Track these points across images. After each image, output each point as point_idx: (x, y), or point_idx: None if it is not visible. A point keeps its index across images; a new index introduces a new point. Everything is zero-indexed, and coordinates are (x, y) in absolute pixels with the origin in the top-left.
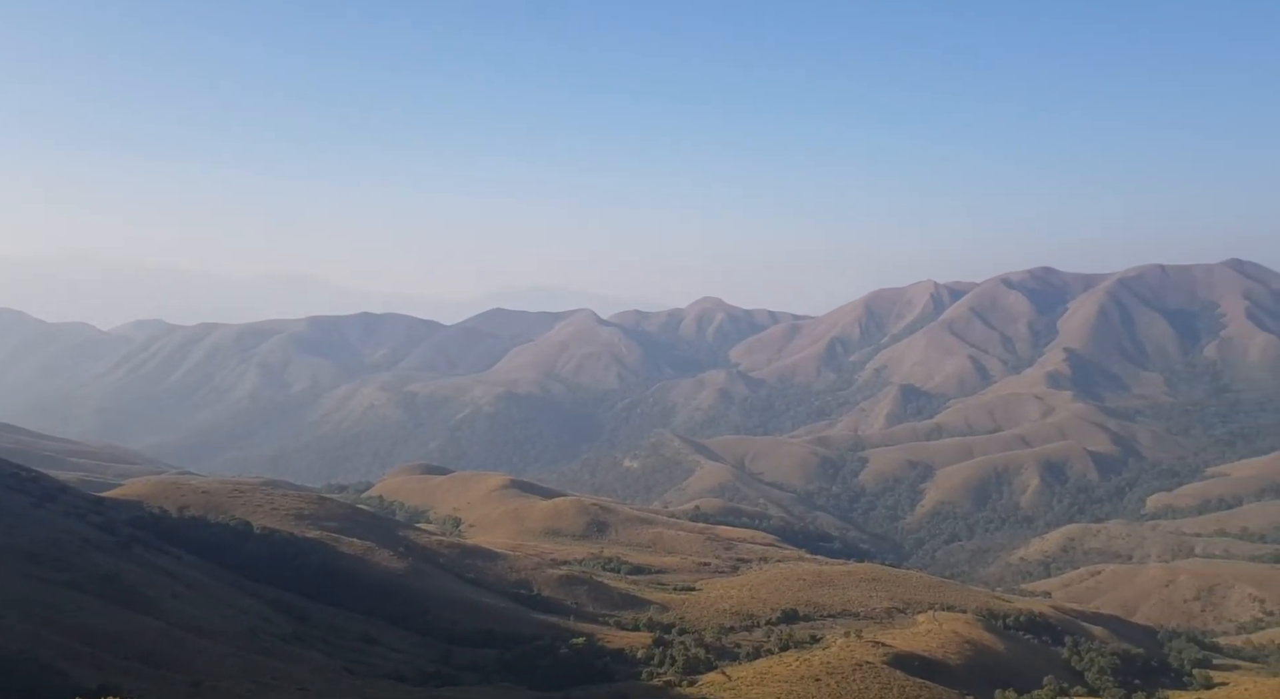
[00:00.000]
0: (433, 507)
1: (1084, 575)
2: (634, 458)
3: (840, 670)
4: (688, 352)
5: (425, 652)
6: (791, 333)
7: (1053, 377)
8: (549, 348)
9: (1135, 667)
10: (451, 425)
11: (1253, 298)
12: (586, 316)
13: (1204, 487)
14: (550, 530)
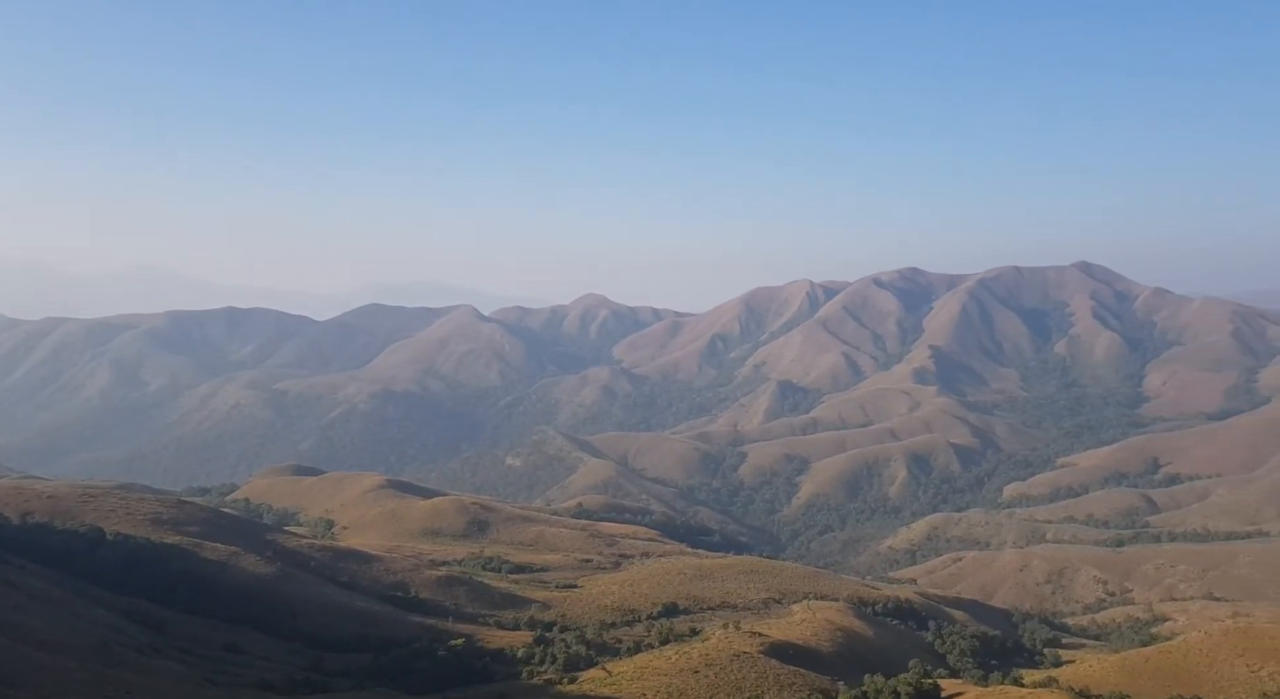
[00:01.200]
0: (304, 509)
1: (947, 562)
2: (516, 456)
3: (718, 662)
4: (571, 348)
5: (294, 659)
6: (674, 330)
7: (919, 373)
8: (428, 344)
9: (993, 648)
10: (324, 425)
11: (1098, 298)
12: (467, 313)
13: (1054, 476)
14: (429, 531)
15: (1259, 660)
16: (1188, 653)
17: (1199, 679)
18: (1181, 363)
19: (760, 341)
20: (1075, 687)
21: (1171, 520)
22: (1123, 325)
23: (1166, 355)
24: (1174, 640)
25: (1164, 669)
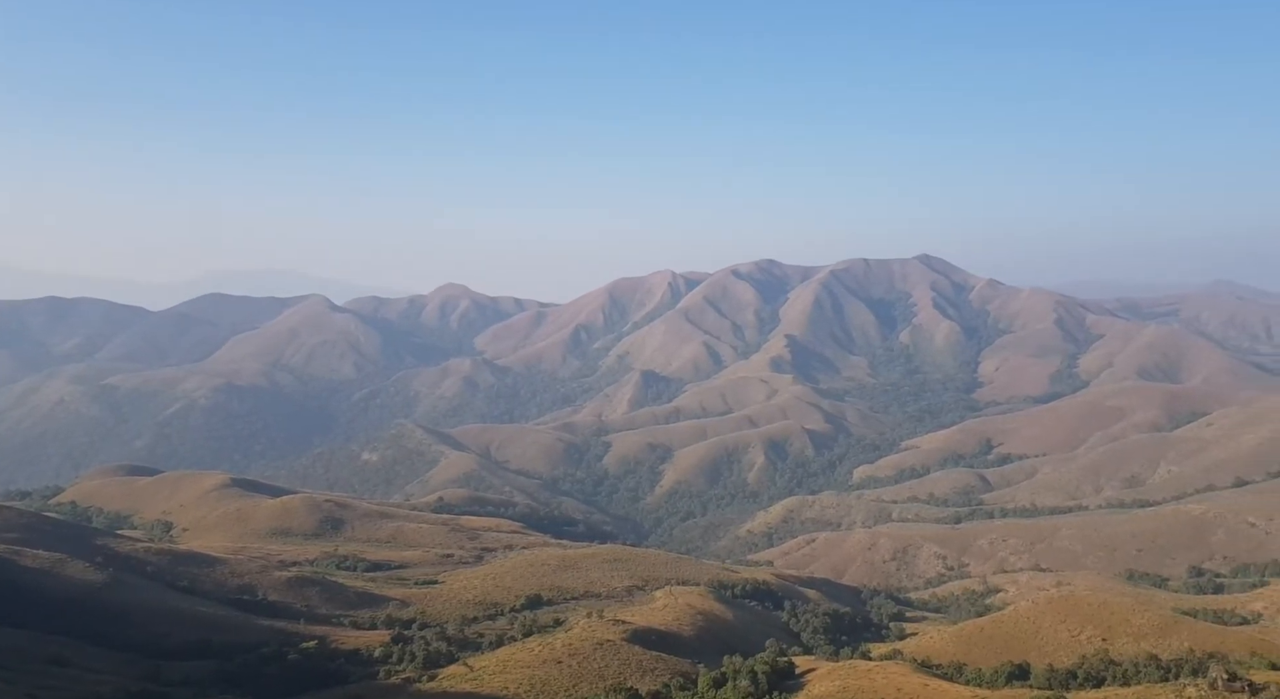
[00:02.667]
0: (138, 511)
1: (801, 544)
2: (373, 450)
3: (582, 651)
4: (431, 339)
5: (129, 669)
6: (538, 320)
7: (776, 361)
8: (276, 336)
9: (844, 624)
10: (160, 422)
11: (938, 289)
12: (318, 303)
13: (900, 458)
14: (279, 530)
15: (1079, 625)
16: (1017, 621)
17: (1027, 645)
18: (1012, 350)
19: (624, 332)
20: (918, 658)
21: (1003, 498)
22: (960, 315)
23: (999, 343)
24: (1005, 610)
25: (996, 637)
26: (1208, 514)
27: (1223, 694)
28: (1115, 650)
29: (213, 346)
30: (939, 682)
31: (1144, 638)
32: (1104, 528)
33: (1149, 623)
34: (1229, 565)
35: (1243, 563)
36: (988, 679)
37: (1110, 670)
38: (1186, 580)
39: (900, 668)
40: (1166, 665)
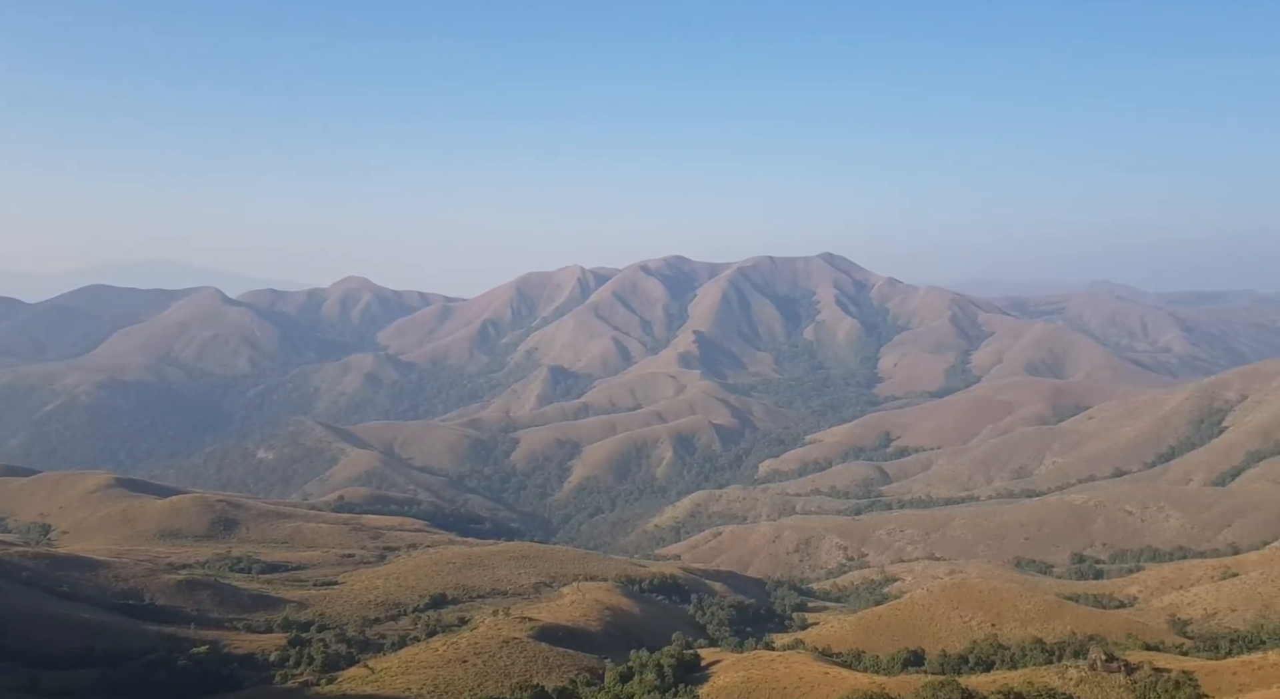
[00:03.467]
0: (12, 513)
1: (708, 537)
2: (269, 448)
3: (487, 649)
4: (331, 334)
5: (4, 679)
6: (443, 315)
7: (684, 357)
8: (165, 329)
9: (748, 616)
10: (38, 419)
11: (840, 287)
12: (211, 295)
13: (803, 452)
14: (167, 532)
15: (970, 612)
16: (913, 609)
17: (922, 631)
18: (910, 346)
19: (532, 327)
20: (819, 646)
21: (901, 489)
22: (861, 312)
23: (897, 339)
24: (901, 599)
25: (893, 625)
26: (1089, 503)
27: (1101, 674)
28: (1004, 635)
29: (95, 341)
30: (839, 669)
31: (1030, 623)
32: (994, 517)
33: (1035, 608)
34: (1108, 552)
35: (1120, 549)
36: (885, 666)
37: (999, 655)
38: (1069, 567)
39: (802, 657)
40: (1051, 649)
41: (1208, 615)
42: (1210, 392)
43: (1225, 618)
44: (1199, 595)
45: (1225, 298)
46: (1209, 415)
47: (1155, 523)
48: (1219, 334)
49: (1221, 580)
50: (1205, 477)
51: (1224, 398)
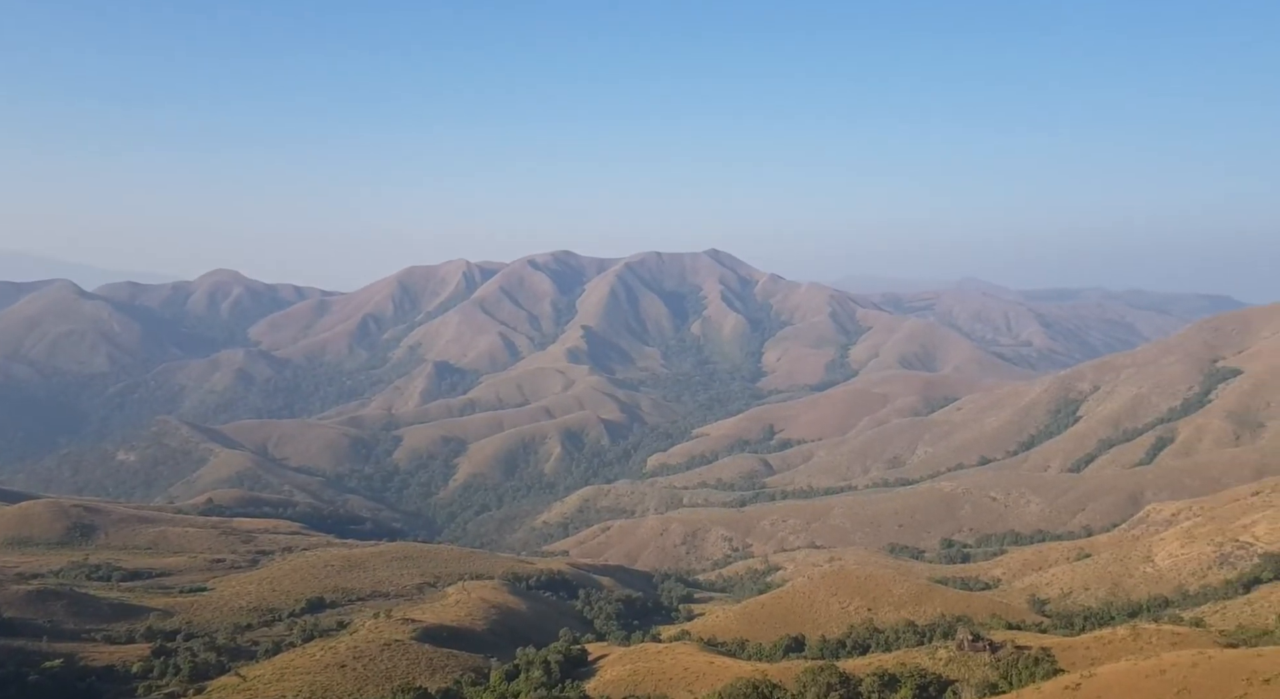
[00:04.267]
0: None
1: (596, 532)
2: (130, 450)
3: (368, 653)
4: (199, 329)
5: None
6: (320, 309)
7: (573, 352)
8: (12, 325)
9: (636, 609)
10: None
11: (726, 283)
12: (64, 288)
13: (690, 446)
14: (17, 540)
15: (848, 597)
16: (794, 597)
17: (803, 618)
18: (792, 341)
19: (416, 322)
20: (705, 637)
21: (784, 480)
22: (746, 308)
23: (780, 334)
24: (784, 587)
25: (776, 613)
26: (957, 490)
27: (968, 654)
28: (879, 619)
29: None
30: (723, 659)
31: (903, 606)
32: (870, 506)
33: (907, 592)
34: (975, 536)
35: (986, 533)
36: (767, 653)
37: (875, 638)
38: (939, 551)
39: (688, 648)
40: (922, 630)
41: (1064, 594)
42: (1066, 383)
43: (1079, 596)
44: (1056, 576)
45: (1079, 295)
46: (1065, 406)
47: (1017, 508)
48: (1074, 329)
49: (1076, 561)
50: (1062, 463)
51: (1078, 389)
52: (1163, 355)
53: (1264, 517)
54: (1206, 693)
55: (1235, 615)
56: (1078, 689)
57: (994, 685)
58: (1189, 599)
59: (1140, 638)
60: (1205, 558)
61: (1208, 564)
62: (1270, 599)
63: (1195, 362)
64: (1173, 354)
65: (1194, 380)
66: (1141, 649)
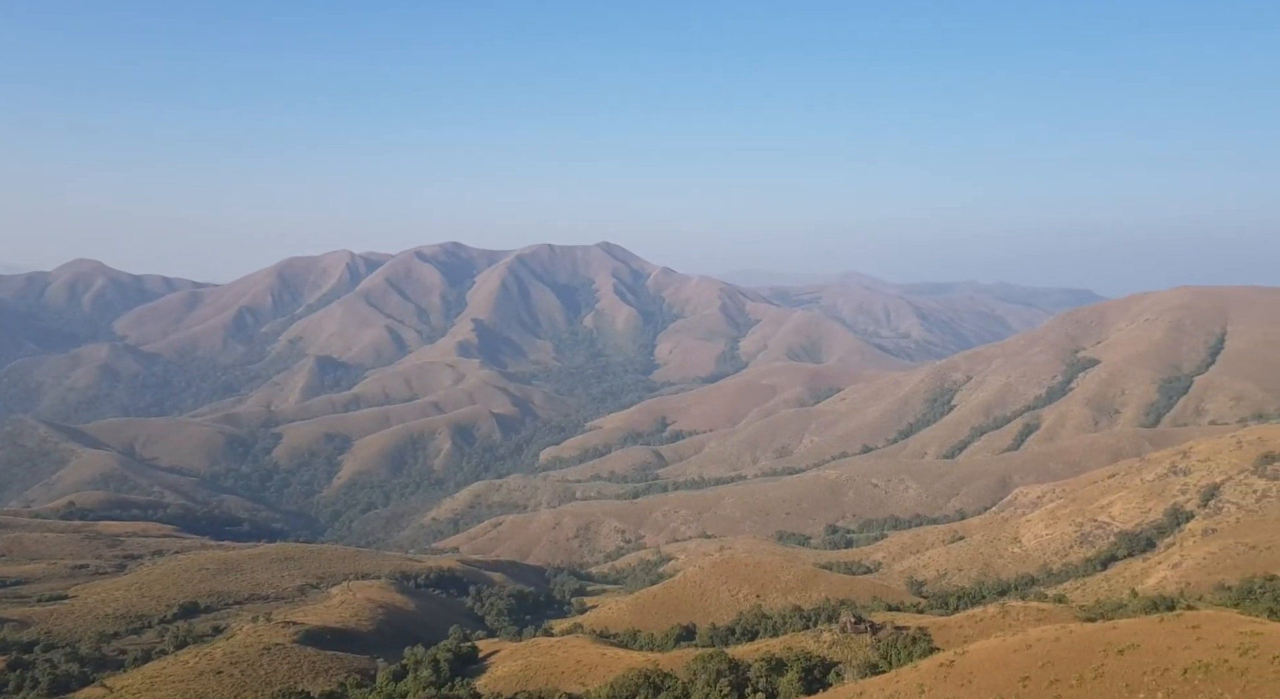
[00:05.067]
0: None
1: (488, 528)
2: None
3: (246, 658)
4: (58, 322)
5: None
6: (192, 302)
7: (463, 345)
8: None
9: (528, 604)
10: None
11: (618, 276)
12: None
13: (584, 439)
14: None
15: (738, 585)
16: (685, 586)
17: (694, 607)
18: (684, 333)
19: (296, 315)
20: (597, 629)
21: (676, 472)
22: (638, 300)
23: (672, 327)
24: (675, 577)
25: (668, 603)
26: (841, 478)
27: (850, 636)
28: (767, 605)
29: None
30: (616, 650)
31: (790, 592)
32: (759, 495)
33: (794, 578)
34: (858, 522)
35: (868, 519)
36: (659, 643)
37: (763, 624)
38: (825, 537)
39: (580, 641)
40: (808, 615)
41: (940, 576)
42: (942, 374)
43: (954, 577)
44: (933, 558)
45: (953, 288)
46: (941, 395)
47: (897, 494)
48: (949, 321)
49: (951, 544)
50: (938, 450)
51: (953, 379)
52: (1029, 346)
53: (1119, 498)
54: (1068, 665)
55: (1094, 591)
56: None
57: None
58: (1053, 577)
59: (1009, 615)
60: (1067, 538)
61: (1069, 543)
62: (1125, 574)
63: (1058, 352)
64: (1038, 345)
65: (1057, 370)
66: (1010, 626)
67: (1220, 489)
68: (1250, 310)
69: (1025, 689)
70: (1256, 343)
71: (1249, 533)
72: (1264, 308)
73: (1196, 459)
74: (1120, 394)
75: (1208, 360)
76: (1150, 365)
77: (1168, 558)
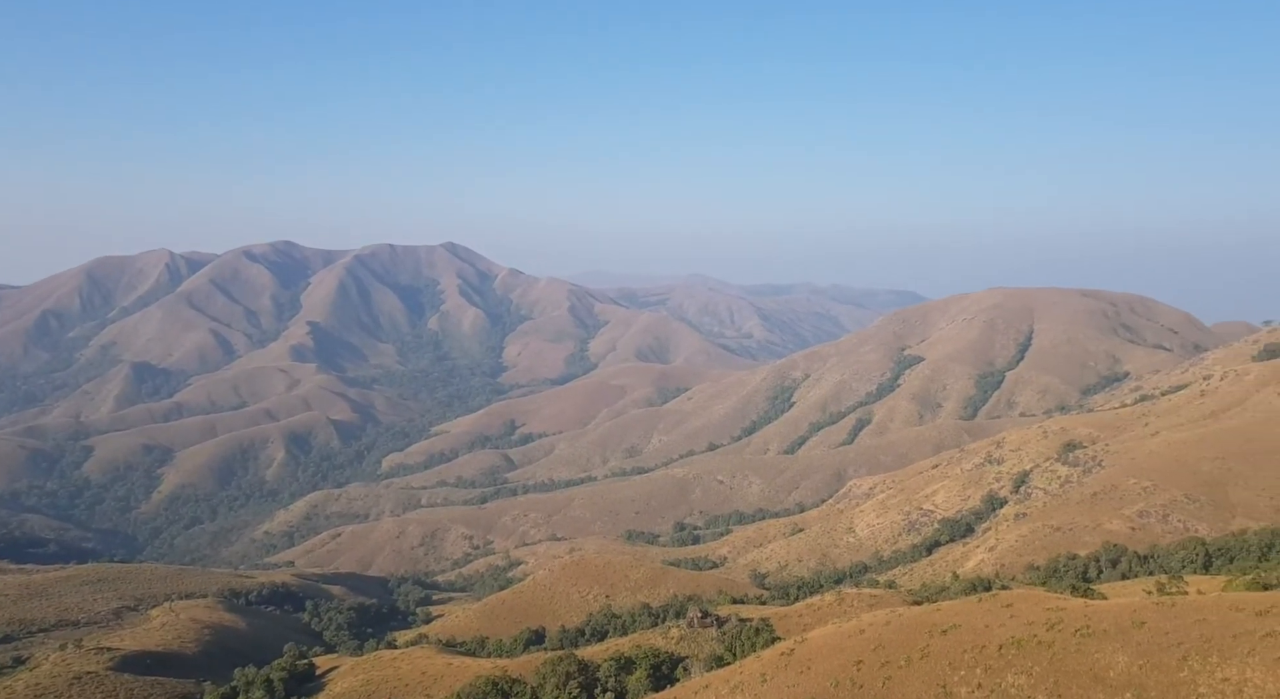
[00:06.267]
0: None
1: (326, 539)
2: None
3: (53, 689)
4: None
5: None
6: None
7: (298, 349)
8: None
9: (370, 616)
10: None
11: (464, 277)
12: None
13: (429, 444)
14: None
15: (587, 586)
16: (535, 590)
17: (544, 610)
18: (532, 335)
19: (109, 319)
20: (444, 638)
21: (525, 475)
22: (485, 302)
23: (521, 329)
24: (525, 581)
25: (517, 607)
26: (689, 476)
27: (697, 630)
28: (617, 604)
29: None
30: (463, 659)
31: (639, 590)
32: (609, 495)
33: (643, 577)
34: (704, 518)
35: (714, 515)
36: (508, 649)
37: (612, 623)
38: (673, 535)
39: (425, 651)
40: (657, 612)
41: (781, 567)
42: (782, 372)
43: (794, 568)
44: (774, 551)
45: (792, 290)
46: (781, 392)
47: (741, 489)
48: (788, 321)
49: (791, 536)
50: (779, 446)
51: (792, 377)
52: (861, 345)
53: (942, 487)
54: (897, 647)
55: (920, 575)
56: (792, 655)
57: (720, 658)
58: (884, 563)
59: (844, 602)
60: (896, 526)
61: (898, 531)
62: (947, 558)
63: (887, 350)
64: (869, 344)
65: (886, 367)
66: (845, 612)
67: (1029, 476)
68: (1053, 310)
69: (859, 672)
70: (1059, 340)
71: (1054, 516)
72: (1064, 308)
73: (1009, 449)
74: (942, 389)
75: (1017, 357)
76: (968, 362)
77: (985, 542)
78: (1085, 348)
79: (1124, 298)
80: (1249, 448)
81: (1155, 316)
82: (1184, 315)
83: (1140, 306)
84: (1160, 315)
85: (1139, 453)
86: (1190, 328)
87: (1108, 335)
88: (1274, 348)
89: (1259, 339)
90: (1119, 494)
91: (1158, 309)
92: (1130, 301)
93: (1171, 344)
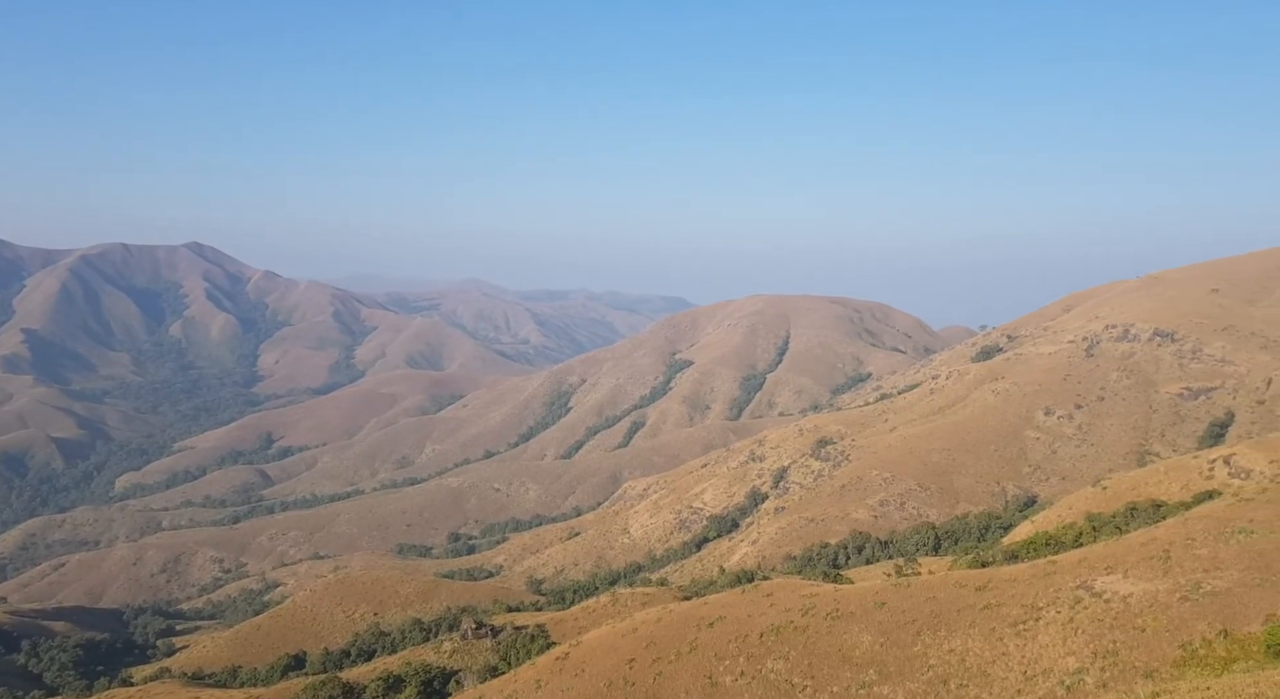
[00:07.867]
0: None
1: (46, 571)
2: None
3: None
4: None
5: None
6: None
7: (11, 360)
8: None
9: (100, 653)
10: None
11: (212, 280)
12: None
13: (172, 461)
14: None
15: (353, 605)
16: (295, 613)
17: (305, 634)
18: (292, 342)
19: None
20: (190, 671)
21: (284, 491)
22: (237, 306)
23: (278, 335)
24: (283, 604)
25: (274, 632)
26: (464, 485)
27: (471, 642)
28: (386, 622)
29: None
30: (212, 691)
31: (410, 605)
32: (378, 508)
33: (414, 591)
34: (480, 527)
35: (490, 523)
36: (264, 677)
37: (381, 642)
38: (447, 546)
39: (167, 687)
40: (429, 626)
41: (558, 572)
42: (559, 377)
43: (570, 572)
44: (551, 556)
45: (568, 295)
46: (558, 398)
47: (518, 496)
48: (564, 326)
49: (568, 540)
50: (557, 451)
51: (569, 382)
52: (635, 350)
53: (710, 485)
54: (668, 643)
55: (690, 571)
56: (566, 659)
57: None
58: (656, 562)
59: (618, 602)
60: (668, 525)
61: (670, 530)
62: (715, 553)
63: (660, 355)
64: (643, 349)
65: (659, 371)
66: (619, 612)
67: (787, 471)
68: (807, 316)
69: (632, 670)
70: (812, 344)
71: (809, 508)
72: (817, 314)
73: (769, 446)
74: (710, 391)
75: (776, 360)
76: (733, 365)
77: (748, 536)
78: (835, 351)
79: (866, 305)
80: (968, 440)
81: (892, 322)
82: (916, 320)
83: (880, 313)
84: (896, 321)
85: (880, 447)
86: (921, 332)
87: (853, 339)
88: (989, 349)
89: (976, 342)
90: (863, 486)
91: (894, 315)
92: (871, 308)
93: (906, 347)
